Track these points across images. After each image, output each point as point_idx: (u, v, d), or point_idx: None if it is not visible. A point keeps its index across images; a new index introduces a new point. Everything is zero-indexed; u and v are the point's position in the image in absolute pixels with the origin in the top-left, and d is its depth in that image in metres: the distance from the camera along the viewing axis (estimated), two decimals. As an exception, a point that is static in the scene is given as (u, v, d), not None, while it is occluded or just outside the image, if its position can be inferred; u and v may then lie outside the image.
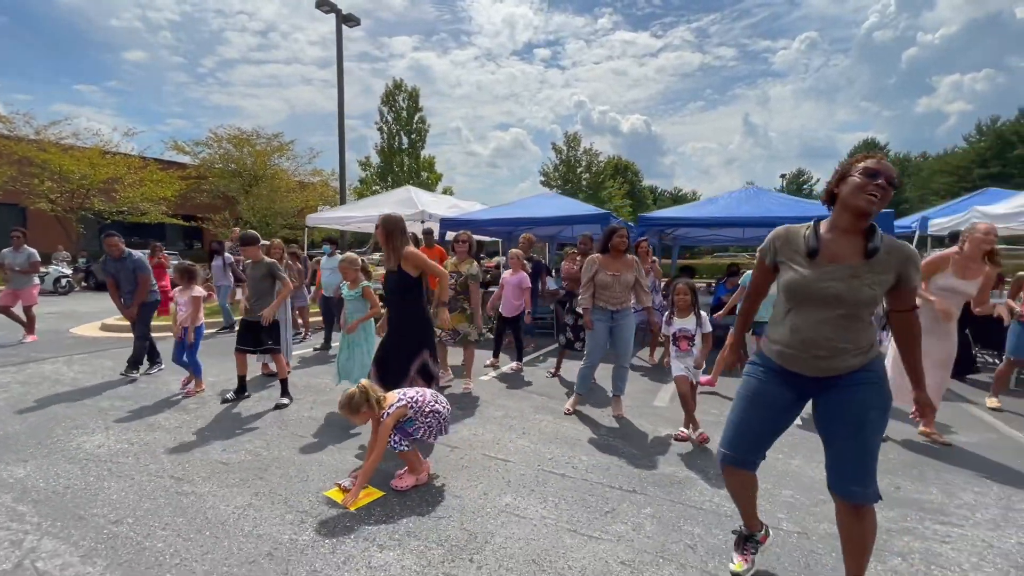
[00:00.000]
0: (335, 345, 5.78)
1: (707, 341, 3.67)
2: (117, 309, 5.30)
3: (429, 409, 2.75)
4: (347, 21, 14.33)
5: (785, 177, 48.42)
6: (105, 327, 8.06)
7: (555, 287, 6.92)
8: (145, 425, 3.76)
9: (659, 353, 6.04)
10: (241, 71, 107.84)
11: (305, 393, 4.64)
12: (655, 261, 6.19)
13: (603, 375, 4.49)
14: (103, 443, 3.40)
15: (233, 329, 7.53)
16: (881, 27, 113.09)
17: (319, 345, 6.74)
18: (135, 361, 5.11)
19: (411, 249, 3.40)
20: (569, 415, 4.12)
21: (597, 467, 3.12)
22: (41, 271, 9.40)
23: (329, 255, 6.89)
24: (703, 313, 3.70)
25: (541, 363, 6.07)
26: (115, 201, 18.45)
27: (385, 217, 3.44)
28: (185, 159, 22.02)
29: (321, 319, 7.34)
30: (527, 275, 5.66)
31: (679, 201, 48.42)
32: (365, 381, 2.68)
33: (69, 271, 14.97)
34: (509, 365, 5.69)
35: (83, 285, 15.68)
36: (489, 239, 12.09)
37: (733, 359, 2.31)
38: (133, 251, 5.22)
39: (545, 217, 8.55)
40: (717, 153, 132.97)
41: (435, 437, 2.82)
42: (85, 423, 3.77)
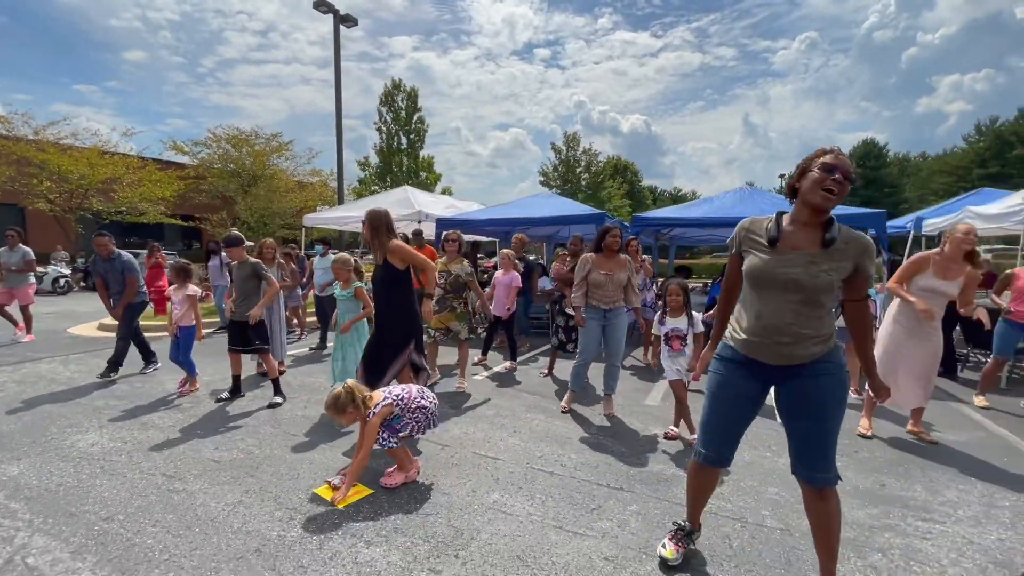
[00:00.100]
0: (330, 345, 5.80)
1: (699, 341, 3.70)
2: (119, 303, 5.22)
3: (416, 406, 2.78)
4: (345, 21, 14.35)
5: (784, 177, 48.46)
6: (103, 327, 8.08)
7: (550, 287, 6.93)
8: (139, 424, 3.79)
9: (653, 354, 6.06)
10: (241, 71, 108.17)
11: (299, 392, 4.66)
12: (645, 260, 6.21)
13: (595, 374, 4.51)
14: (96, 441, 3.42)
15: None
16: (881, 27, 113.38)
17: (315, 345, 6.77)
18: (115, 362, 5.09)
19: (397, 242, 3.43)
20: (565, 413, 4.14)
21: (585, 465, 3.15)
22: (39, 271, 9.45)
23: (321, 255, 6.92)
24: (695, 313, 3.72)
25: (534, 363, 6.10)
26: (114, 201, 18.45)
27: (370, 212, 3.48)
28: (184, 159, 22.01)
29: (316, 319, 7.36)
30: (518, 275, 5.69)
31: (678, 201, 48.46)
32: (351, 381, 2.70)
33: (68, 271, 15.00)
34: (503, 364, 5.72)
35: (82, 285, 15.68)
36: (486, 239, 12.10)
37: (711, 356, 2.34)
38: (122, 252, 5.20)
39: (542, 217, 8.58)
40: (717, 153, 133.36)
41: (424, 432, 2.85)
42: (79, 422, 3.80)
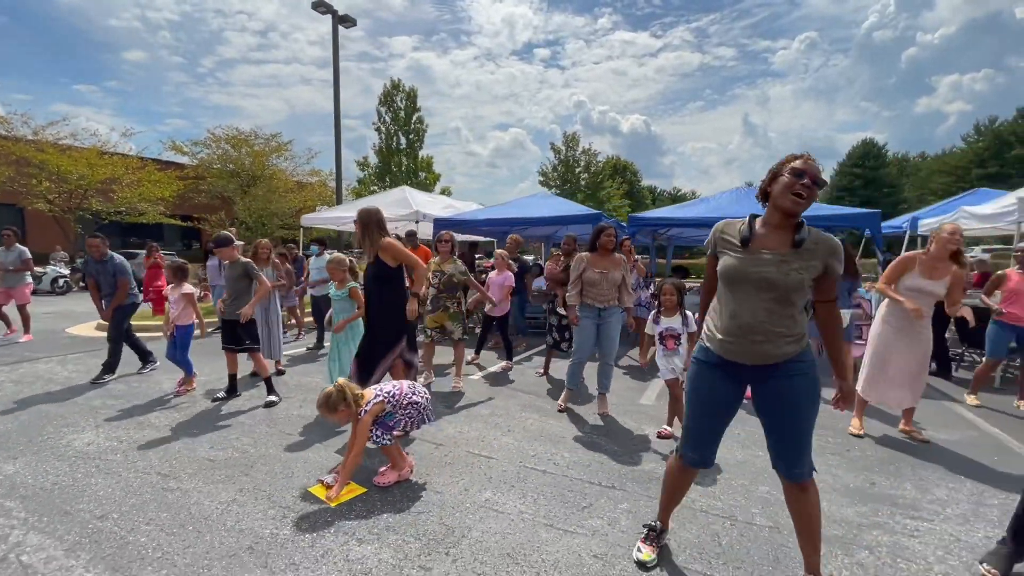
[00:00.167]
0: (327, 345, 5.82)
1: (693, 340, 3.72)
2: (109, 305, 5.10)
3: (407, 401, 2.79)
4: (343, 22, 14.38)
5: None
6: (101, 327, 8.07)
7: (544, 287, 6.95)
8: (135, 423, 3.80)
9: (650, 353, 6.08)
10: (241, 71, 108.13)
11: (295, 391, 4.68)
12: (638, 260, 6.26)
13: (590, 373, 4.53)
14: (92, 441, 3.44)
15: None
16: (881, 27, 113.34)
17: (312, 344, 6.79)
18: (109, 365, 5.03)
19: (388, 240, 3.46)
20: (562, 412, 4.16)
21: (578, 464, 3.17)
22: (38, 271, 9.45)
23: (317, 255, 6.94)
24: (689, 313, 3.75)
25: (530, 362, 6.12)
26: (113, 201, 18.44)
27: (361, 210, 3.51)
28: (183, 159, 22.01)
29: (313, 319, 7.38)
30: (512, 275, 5.72)
31: (678, 201, 48.37)
32: (342, 379, 2.71)
33: (67, 271, 15.01)
34: (499, 364, 5.74)
35: (81, 285, 15.67)
36: (484, 239, 12.12)
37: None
38: (115, 254, 5.14)
39: (540, 217, 8.61)
40: (717, 153, 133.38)
41: (418, 427, 2.87)
42: (76, 421, 3.82)
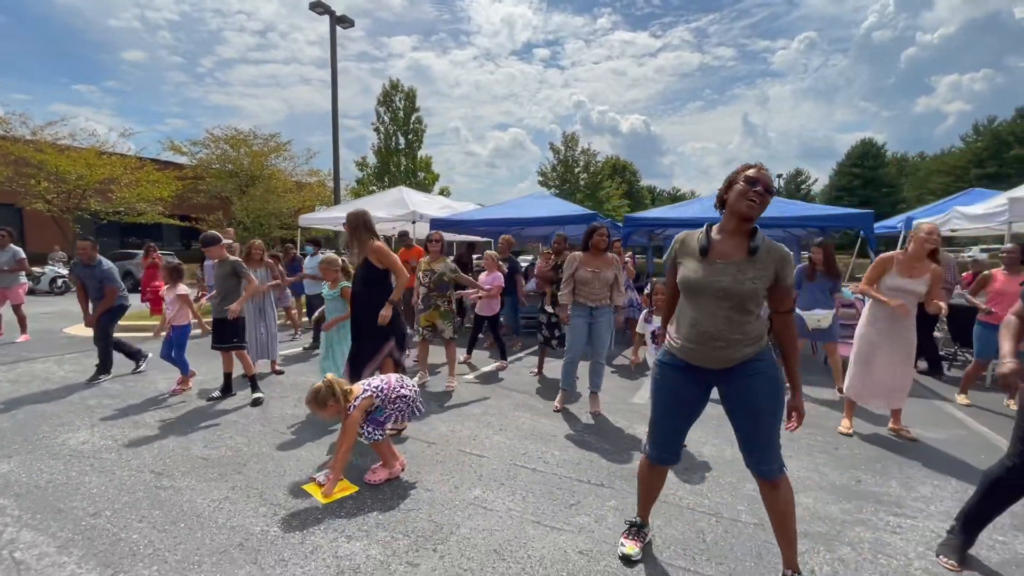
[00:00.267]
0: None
1: None
2: (95, 311, 5.02)
3: (396, 395, 2.81)
4: (341, 22, 14.39)
5: (783, 177, 48.60)
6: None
7: (534, 287, 6.99)
8: (130, 422, 3.83)
9: (642, 352, 6.11)
10: (240, 71, 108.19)
11: (290, 390, 4.71)
12: (628, 261, 6.31)
13: (582, 373, 4.55)
14: (87, 439, 3.47)
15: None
16: (880, 27, 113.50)
17: (308, 344, 6.81)
18: (102, 365, 5.05)
19: (377, 243, 3.51)
20: (557, 412, 4.17)
21: (568, 462, 3.20)
22: (36, 271, 9.43)
23: (312, 255, 6.97)
24: None
25: (523, 362, 6.15)
26: (111, 201, 18.45)
27: (349, 213, 3.58)
28: (182, 159, 22.04)
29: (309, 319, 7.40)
30: (501, 275, 5.75)
31: (677, 201, 48.48)
32: (331, 375, 2.74)
33: (65, 271, 15.02)
34: (493, 364, 5.77)
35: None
36: (481, 239, 12.15)
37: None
38: (104, 259, 5.07)
39: (537, 217, 8.61)
40: (716, 153, 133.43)
41: (408, 420, 2.90)
42: (71, 420, 3.85)
